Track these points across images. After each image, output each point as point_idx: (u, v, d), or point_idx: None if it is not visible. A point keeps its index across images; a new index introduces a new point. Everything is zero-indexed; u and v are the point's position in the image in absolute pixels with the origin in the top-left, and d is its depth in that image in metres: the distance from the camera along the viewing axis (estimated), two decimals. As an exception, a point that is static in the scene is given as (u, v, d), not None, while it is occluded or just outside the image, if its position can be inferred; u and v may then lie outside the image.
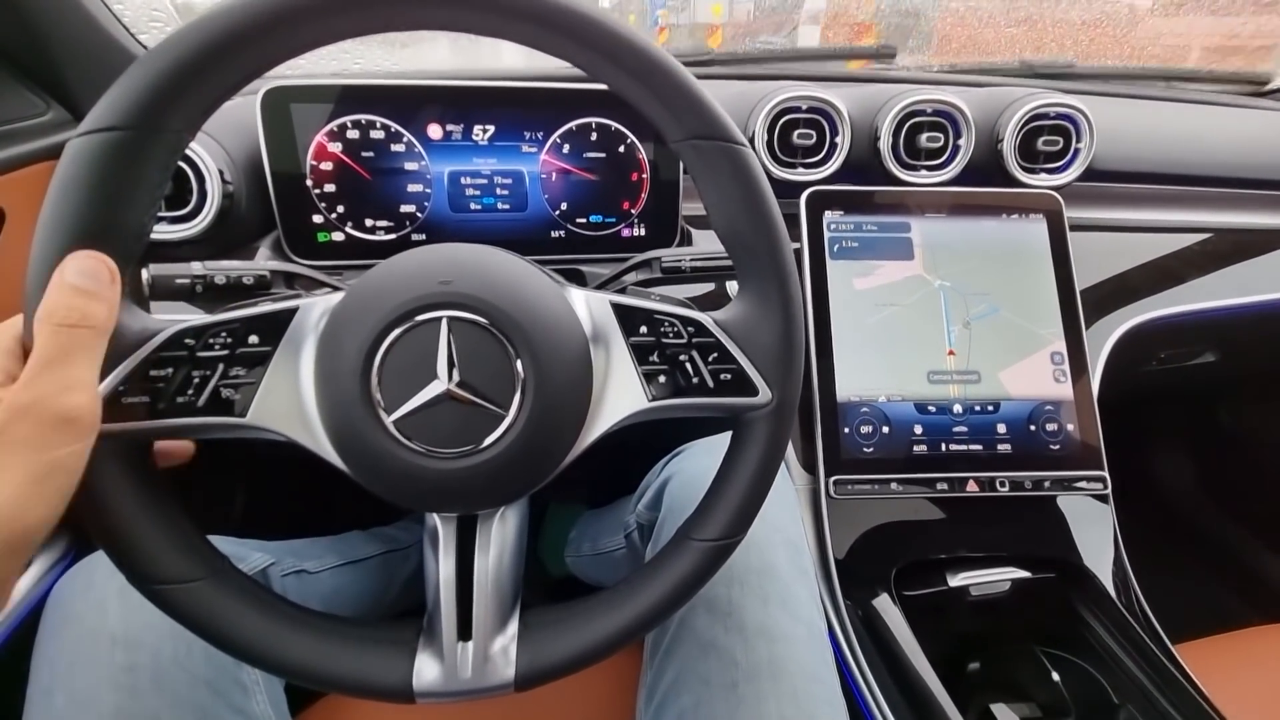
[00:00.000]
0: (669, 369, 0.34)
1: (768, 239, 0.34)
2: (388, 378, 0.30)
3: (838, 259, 0.66)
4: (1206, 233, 0.81)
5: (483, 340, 0.31)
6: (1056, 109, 0.70)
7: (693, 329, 0.34)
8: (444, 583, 0.34)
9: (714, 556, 0.35)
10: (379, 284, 0.32)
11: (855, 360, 0.64)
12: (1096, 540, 0.62)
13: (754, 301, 0.35)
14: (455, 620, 0.34)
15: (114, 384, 0.29)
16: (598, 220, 0.67)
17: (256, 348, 0.31)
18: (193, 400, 0.30)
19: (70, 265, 0.28)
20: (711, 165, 0.33)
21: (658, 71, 0.32)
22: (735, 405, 0.34)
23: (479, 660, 0.34)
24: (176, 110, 0.29)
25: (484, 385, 0.30)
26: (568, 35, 0.31)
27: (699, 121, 0.32)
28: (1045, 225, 0.69)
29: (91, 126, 0.28)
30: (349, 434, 0.31)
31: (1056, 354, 0.66)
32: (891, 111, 0.69)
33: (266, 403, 0.31)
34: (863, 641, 0.56)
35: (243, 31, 0.28)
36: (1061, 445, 0.64)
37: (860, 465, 0.62)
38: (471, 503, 0.34)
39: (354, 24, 0.30)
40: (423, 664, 0.33)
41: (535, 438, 0.31)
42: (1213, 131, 0.86)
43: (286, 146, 0.58)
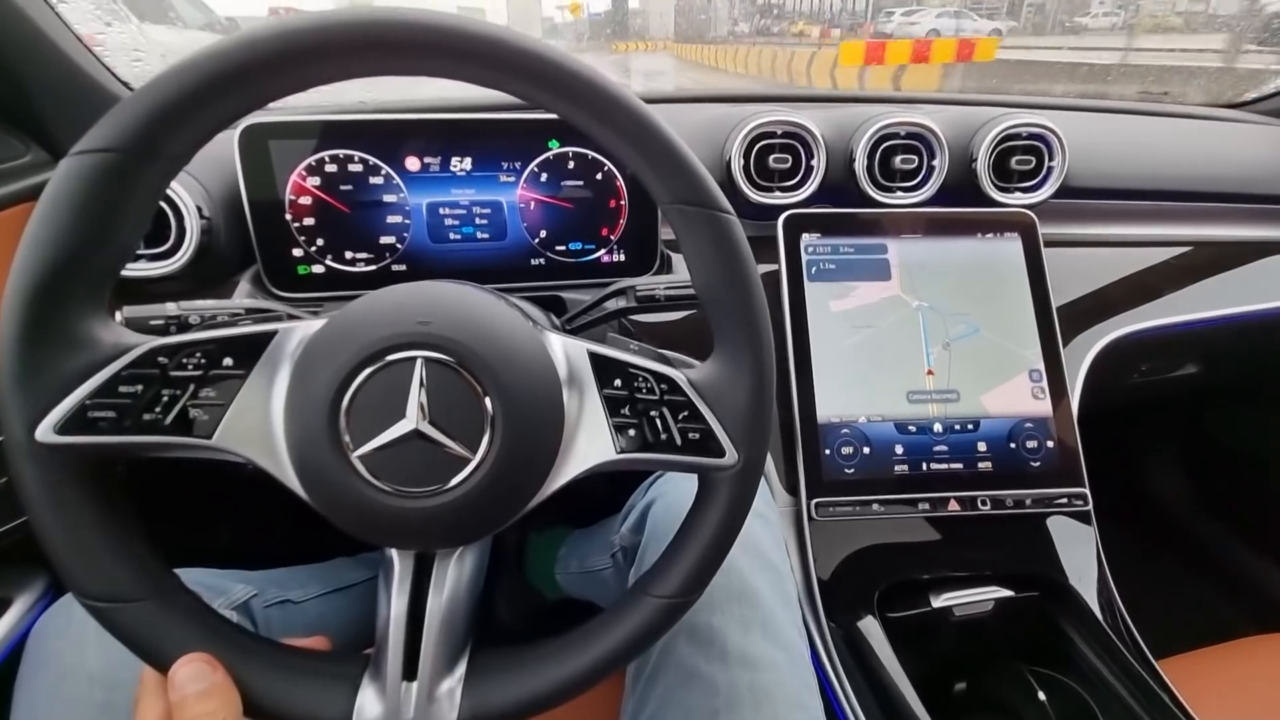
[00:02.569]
0: (639, 423, 0.34)
1: (745, 305, 0.34)
2: (357, 413, 0.30)
3: (815, 281, 0.66)
4: (1184, 246, 0.81)
5: (456, 382, 0.31)
6: (1028, 129, 0.71)
7: (665, 386, 0.35)
8: (394, 619, 0.34)
9: (669, 613, 0.35)
10: (358, 318, 0.32)
11: (835, 381, 0.64)
12: (1080, 557, 0.63)
13: (727, 364, 0.35)
14: (402, 658, 0.33)
15: (81, 397, 0.29)
16: (577, 247, 0.67)
17: (230, 371, 0.31)
18: (159, 419, 0.30)
19: (180, 676, 0.30)
20: (696, 230, 0.34)
21: (649, 135, 0.32)
22: (701, 464, 0.35)
23: (422, 701, 0.33)
24: (173, 137, 0.29)
25: (453, 427, 0.31)
26: (562, 94, 0.32)
27: (687, 187, 0.33)
28: (1020, 243, 0.70)
29: (87, 147, 0.28)
30: (313, 465, 0.31)
31: (1035, 371, 0.66)
32: (866, 134, 0.69)
33: (234, 426, 0.31)
34: (847, 665, 0.56)
35: (248, 66, 0.29)
36: (1042, 462, 0.64)
37: (842, 487, 0.62)
38: (431, 541, 0.34)
39: (358, 66, 0.31)
40: (365, 701, 0.33)
41: (500, 482, 0.31)
42: (1187, 145, 0.87)
43: (265, 181, 0.59)
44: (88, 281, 0.30)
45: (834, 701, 0.54)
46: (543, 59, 0.31)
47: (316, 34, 0.29)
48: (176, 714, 0.30)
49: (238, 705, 0.31)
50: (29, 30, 0.57)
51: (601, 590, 0.79)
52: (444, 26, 0.30)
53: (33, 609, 0.55)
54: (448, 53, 0.30)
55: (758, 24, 28.83)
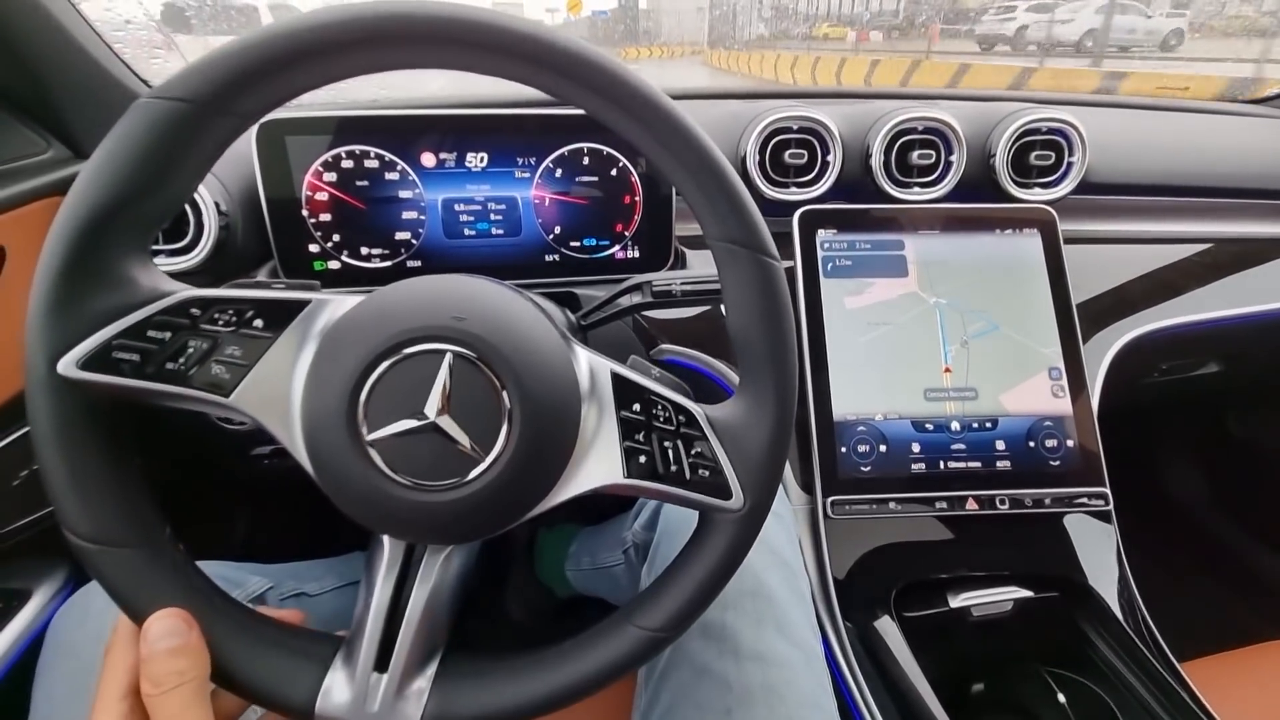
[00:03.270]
0: (651, 451, 0.34)
1: (778, 353, 0.34)
2: (378, 397, 0.30)
3: (831, 277, 0.66)
4: (1205, 243, 0.80)
5: (479, 383, 0.30)
6: (1048, 124, 0.70)
7: (683, 418, 0.34)
8: (375, 607, 0.33)
9: (650, 646, 0.35)
10: (396, 301, 0.32)
11: (851, 379, 0.63)
12: (1100, 557, 0.62)
13: (749, 406, 0.35)
14: (376, 649, 0.33)
15: (108, 336, 0.29)
16: (591, 243, 0.67)
17: (259, 332, 0.31)
18: (181, 369, 0.30)
19: (154, 631, 0.29)
20: (741, 271, 0.34)
21: (709, 168, 0.33)
22: (706, 503, 0.34)
23: (390, 695, 0.32)
24: (248, 97, 0.30)
25: (471, 426, 0.30)
26: (627, 112, 0.32)
27: (740, 229, 0.33)
28: (1040, 240, 0.69)
29: (163, 94, 0.28)
30: (324, 441, 0.30)
31: (1054, 369, 0.66)
32: (883, 130, 0.69)
33: (254, 387, 0.31)
34: (863, 664, 0.55)
35: (336, 40, 0.29)
36: (1062, 461, 0.63)
37: (858, 485, 0.61)
38: (426, 535, 0.33)
39: (435, 58, 0.31)
40: (333, 684, 0.32)
41: (506, 489, 0.31)
42: (1209, 141, 0.86)
43: (282, 178, 0.59)
44: (136, 224, 0.30)
45: (850, 702, 0.54)
46: (609, 73, 0.31)
47: (414, 21, 0.29)
48: (144, 668, 0.29)
49: (207, 668, 0.30)
50: (51, 27, 0.58)
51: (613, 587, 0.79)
52: (522, 33, 0.30)
53: (52, 601, 0.56)
54: (524, 59, 0.31)
55: (802, 24, 24.14)
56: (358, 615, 0.34)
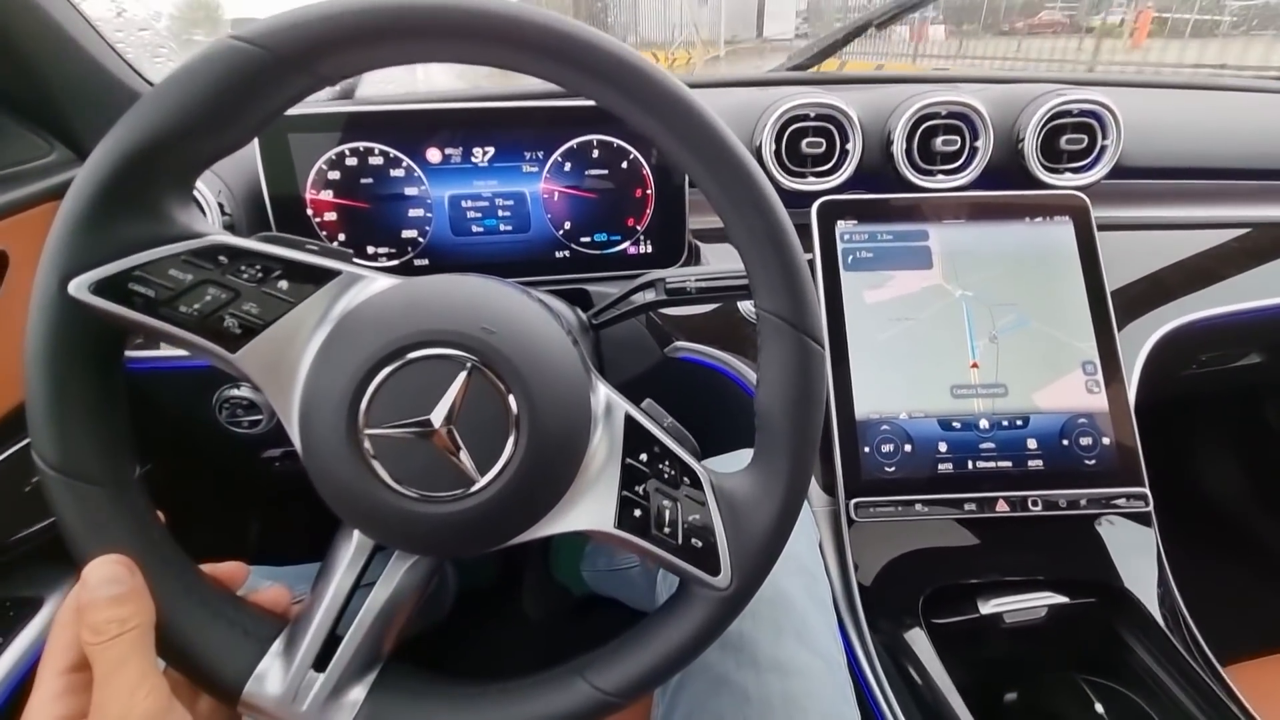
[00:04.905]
0: (648, 507, 0.32)
1: (801, 438, 0.33)
2: (385, 392, 0.28)
3: (852, 270, 0.63)
4: (1245, 228, 0.76)
5: (493, 404, 0.29)
6: (1080, 105, 0.67)
7: (689, 480, 0.33)
8: (327, 601, 0.31)
9: (596, 707, 0.33)
10: (430, 294, 0.31)
11: (873, 376, 0.61)
12: (1139, 560, 0.59)
13: (758, 483, 0.34)
14: (320, 646, 0.31)
15: (129, 266, 0.28)
16: (602, 239, 0.65)
17: (282, 295, 0.30)
18: (193, 314, 0.29)
19: (93, 577, 0.28)
20: (783, 349, 0.33)
21: (776, 240, 0.32)
22: (692, 574, 0.33)
23: (321, 698, 0.31)
24: (330, 60, 0.29)
25: (472, 443, 0.29)
26: (707, 164, 0.32)
27: (792, 307, 0.33)
28: (1072, 227, 0.65)
29: (245, 36, 0.28)
30: (320, 421, 0.29)
31: (1089, 363, 0.63)
32: (904, 115, 0.66)
33: (261, 349, 0.30)
34: (890, 674, 0.53)
35: (428, 25, 0.29)
36: (1097, 460, 0.60)
37: (882, 486, 0.59)
38: (399, 540, 0.31)
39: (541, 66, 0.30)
40: (266, 670, 0.30)
41: (492, 515, 0.29)
42: (1249, 120, 0.82)
43: (285, 177, 0.58)
44: (186, 160, 0.29)
45: (877, 712, 0.52)
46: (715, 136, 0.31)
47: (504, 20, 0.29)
48: (83, 616, 0.27)
49: (151, 616, 0.28)
50: (52, 30, 0.57)
51: (629, 589, 0.78)
52: (606, 50, 0.30)
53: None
54: (598, 76, 0.30)
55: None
56: (307, 604, 0.32)
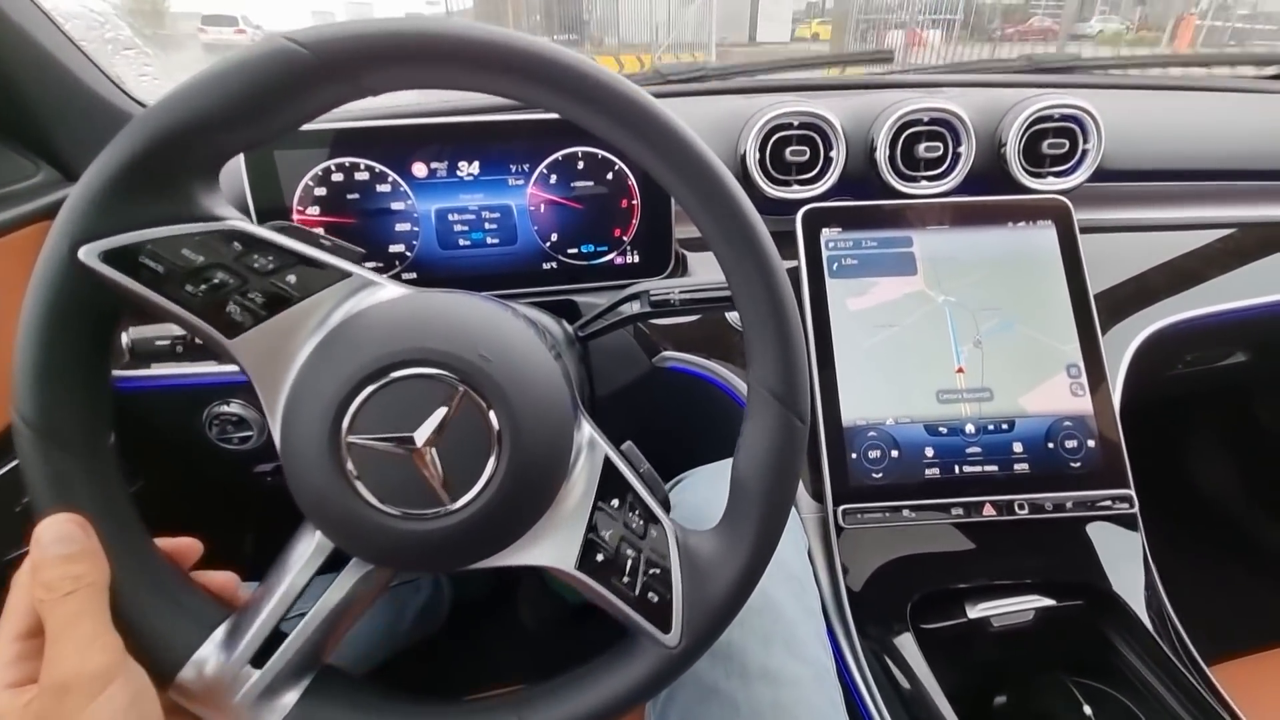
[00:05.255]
0: (610, 553, 0.32)
1: (772, 507, 0.34)
2: (374, 403, 0.28)
3: (837, 278, 0.64)
4: (1229, 228, 0.77)
5: (476, 431, 0.29)
6: (1061, 110, 0.68)
7: (655, 532, 0.33)
8: (277, 597, 0.31)
9: None
10: (435, 312, 0.31)
11: (860, 382, 0.61)
12: (1126, 562, 0.59)
13: (723, 544, 0.34)
14: (261, 642, 0.30)
15: (144, 239, 0.28)
16: (589, 250, 0.66)
17: (288, 289, 0.30)
18: (196, 295, 0.29)
19: (46, 536, 0.28)
20: (767, 421, 0.33)
21: (778, 316, 0.33)
22: (643, 628, 0.33)
23: (253, 695, 0.30)
24: (374, 74, 0.29)
25: (450, 467, 0.29)
26: (719, 225, 0.32)
27: (783, 383, 0.33)
28: (1055, 231, 0.66)
29: (299, 39, 0.28)
30: (302, 424, 0.29)
31: (1073, 366, 0.63)
32: (887, 122, 0.66)
33: (257, 341, 0.30)
34: (879, 680, 0.53)
35: (467, 50, 0.29)
36: (1083, 463, 0.61)
37: (870, 492, 0.59)
38: (362, 549, 0.31)
39: (531, 94, 0.31)
40: (205, 657, 0.30)
41: (458, 539, 0.30)
42: (1231, 121, 0.83)
43: (271, 194, 0.58)
44: (218, 146, 0.29)
45: (866, 717, 0.52)
46: (733, 204, 0.32)
47: (528, 54, 0.29)
48: (36, 574, 0.27)
49: (106, 575, 0.28)
50: (35, 51, 0.57)
51: None
52: (635, 101, 0.31)
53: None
54: (624, 125, 0.31)
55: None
56: (255, 596, 0.32)
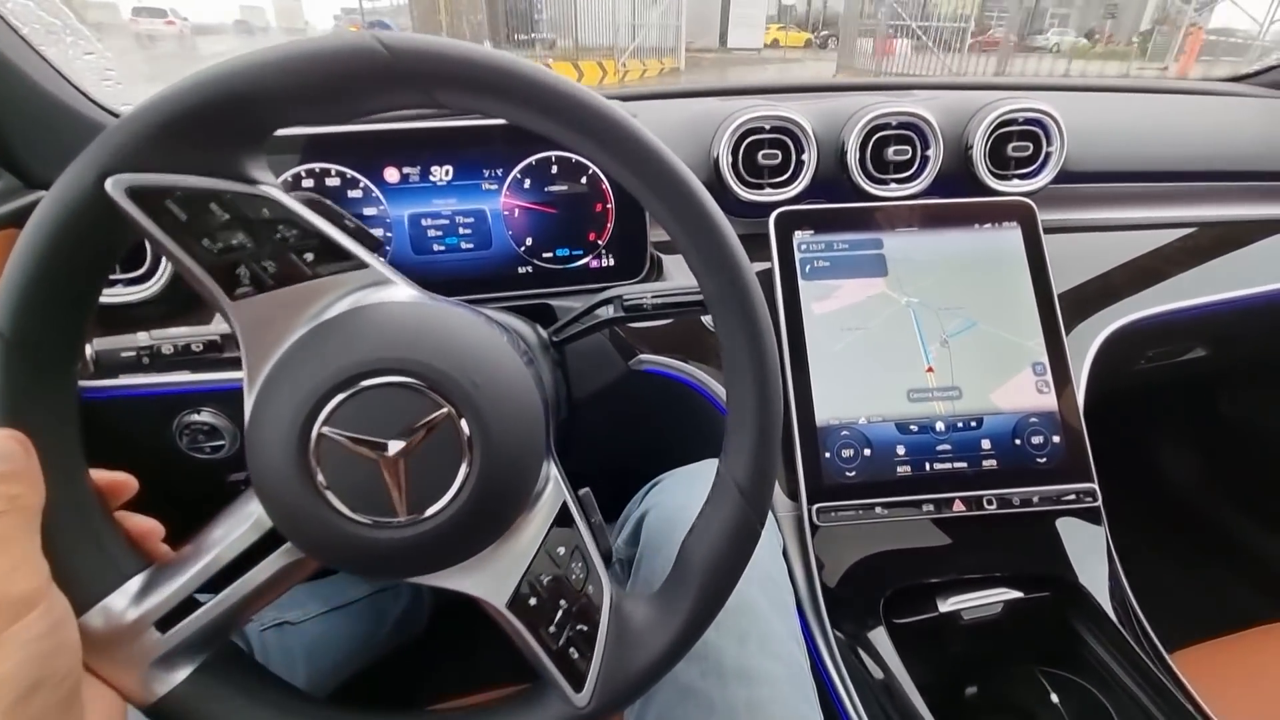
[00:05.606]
0: (543, 600, 0.32)
1: (711, 588, 0.34)
2: (355, 402, 0.28)
3: (810, 279, 0.65)
4: (1188, 227, 0.79)
5: (447, 451, 0.29)
6: (1024, 114, 0.69)
7: (592, 589, 0.33)
8: (202, 566, 0.30)
9: None
10: (437, 325, 0.30)
11: (831, 383, 0.62)
12: (1090, 554, 0.61)
13: (656, 615, 0.34)
14: (172, 607, 0.29)
15: (178, 185, 0.27)
16: (564, 253, 0.66)
17: (303, 265, 0.30)
18: (211, 249, 0.28)
19: None
20: (726, 511, 0.34)
21: (764, 412, 0.33)
22: (556, 682, 0.32)
23: (148, 655, 0.29)
24: (445, 91, 0.30)
25: (416, 483, 0.28)
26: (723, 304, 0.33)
27: (749, 479, 0.33)
28: (1020, 232, 0.68)
29: (385, 41, 0.28)
30: (276, 402, 0.29)
31: (1039, 364, 0.65)
32: (857, 126, 0.67)
33: (258, 307, 0.29)
34: (854, 674, 0.54)
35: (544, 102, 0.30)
36: (1049, 458, 0.63)
37: (844, 491, 0.60)
38: (301, 540, 0.30)
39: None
40: (112, 608, 0.29)
41: (405, 552, 0.29)
42: (1188, 122, 0.85)
43: (240, 200, 0.57)
44: (277, 116, 0.29)
45: (842, 713, 0.53)
46: (730, 259, 0.32)
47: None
48: None
49: (41, 499, 0.27)
50: None
51: None
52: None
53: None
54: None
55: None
56: (177, 557, 0.31)
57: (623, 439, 0.78)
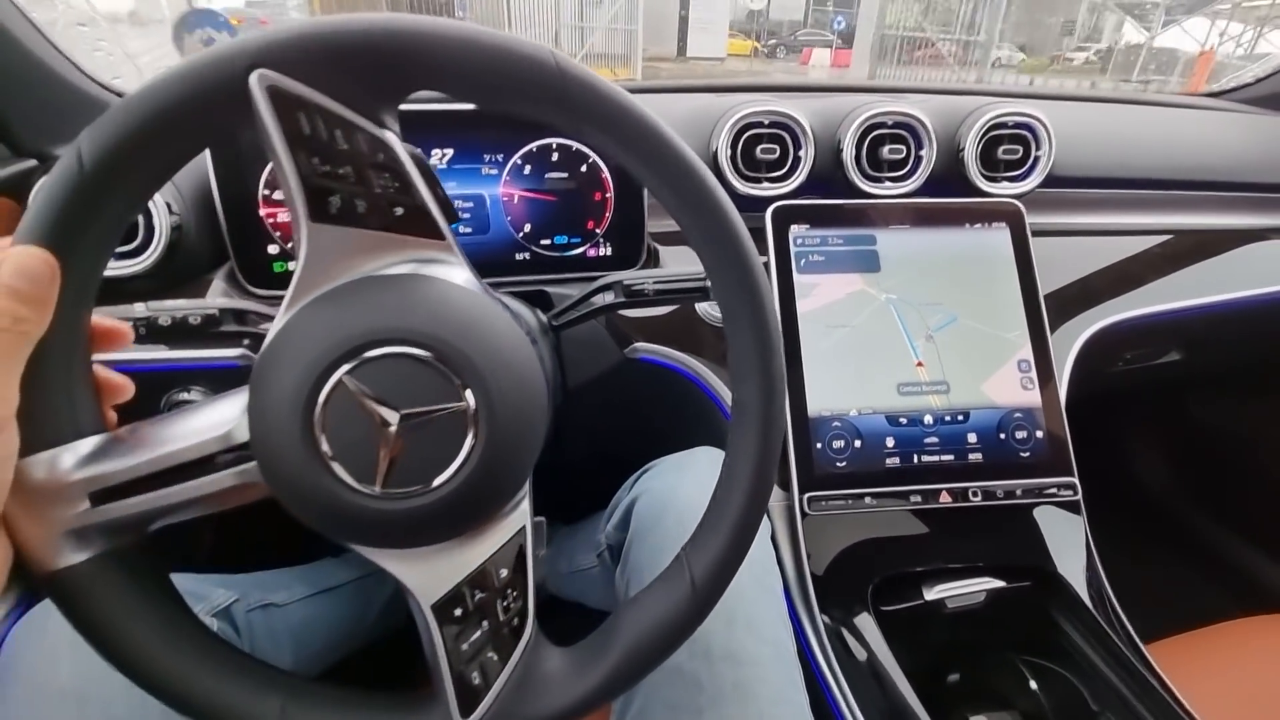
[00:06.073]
0: (468, 614, 0.31)
1: (632, 664, 0.33)
2: (375, 364, 0.27)
3: (805, 273, 0.66)
4: (1166, 234, 0.82)
5: (449, 435, 0.28)
6: (1015, 118, 0.71)
7: (516, 625, 0.32)
8: (157, 456, 0.29)
9: None
10: (481, 317, 0.30)
11: (824, 374, 0.63)
12: (1069, 546, 0.63)
13: (565, 671, 0.33)
14: (112, 485, 0.28)
15: (318, 103, 0.27)
16: (562, 241, 0.66)
17: (389, 219, 0.30)
18: (314, 170, 0.28)
19: (9, 264, 0.25)
20: (671, 596, 0.34)
21: (737, 524, 0.34)
22: (445, 698, 0.31)
23: (66, 525, 0.28)
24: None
25: (407, 462, 0.28)
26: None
27: (704, 579, 0.34)
28: (1008, 233, 0.69)
29: (558, 58, 0.29)
30: (297, 344, 0.28)
31: (1024, 361, 0.66)
32: (853, 124, 0.69)
33: (330, 235, 0.28)
34: (841, 659, 0.55)
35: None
36: (1032, 452, 0.64)
37: (834, 480, 0.61)
38: (277, 483, 0.29)
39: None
40: (54, 461, 0.28)
41: (380, 521, 0.29)
42: (1169, 134, 0.88)
43: (236, 176, 0.57)
44: (430, 82, 0.30)
45: (829, 697, 0.54)
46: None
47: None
48: None
49: (43, 328, 0.26)
50: None
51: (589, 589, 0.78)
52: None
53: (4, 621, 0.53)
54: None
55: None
56: (136, 437, 0.30)
57: (616, 427, 0.78)
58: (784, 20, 17.22)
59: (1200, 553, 1.15)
